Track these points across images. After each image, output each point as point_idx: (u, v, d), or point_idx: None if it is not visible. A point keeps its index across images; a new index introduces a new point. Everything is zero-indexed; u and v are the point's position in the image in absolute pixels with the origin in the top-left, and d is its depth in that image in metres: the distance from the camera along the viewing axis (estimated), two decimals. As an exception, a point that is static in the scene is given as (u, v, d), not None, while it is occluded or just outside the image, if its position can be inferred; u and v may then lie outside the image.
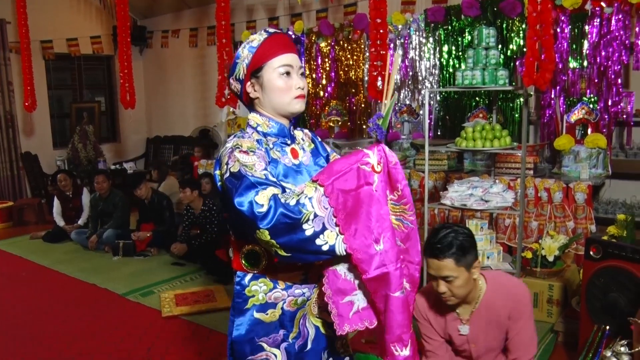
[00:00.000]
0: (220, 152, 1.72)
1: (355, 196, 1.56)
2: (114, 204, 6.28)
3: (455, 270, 2.17)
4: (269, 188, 1.52)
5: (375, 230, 1.55)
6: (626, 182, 5.24)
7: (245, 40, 1.77)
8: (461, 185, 3.86)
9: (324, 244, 1.53)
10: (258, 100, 1.79)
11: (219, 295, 4.58)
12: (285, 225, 1.49)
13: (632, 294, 2.79)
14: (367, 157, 1.60)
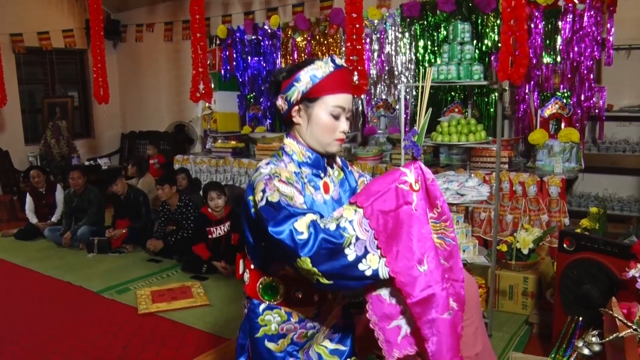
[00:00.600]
0: (254, 177, 1.66)
1: (395, 217, 1.52)
2: (89, 200, 6.20)
3: None
4: (307, 215, 1.48)
5: (418, 251, 1.52)
6: (599, 176, 5.34)
7: (309, 63, 1.69)
8: (437, 179, 3.88)
9: (366, 268, 1.49)
10: (299, 127, 1.74)
11: (196, 291, 4.55)
12: (327, 251, 1.44)
13: (604, 285, 2.84)
14: (404, 176, 1.56)
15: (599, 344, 1.37)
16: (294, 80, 1.68)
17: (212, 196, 5.01)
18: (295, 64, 1.75)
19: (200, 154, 7.47)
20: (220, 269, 4.98)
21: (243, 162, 6.47)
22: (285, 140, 1.79)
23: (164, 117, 9.10)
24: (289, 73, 1.72)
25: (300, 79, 1.67)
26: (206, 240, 5.10)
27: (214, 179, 6.49)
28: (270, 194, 1.53)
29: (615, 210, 5.13)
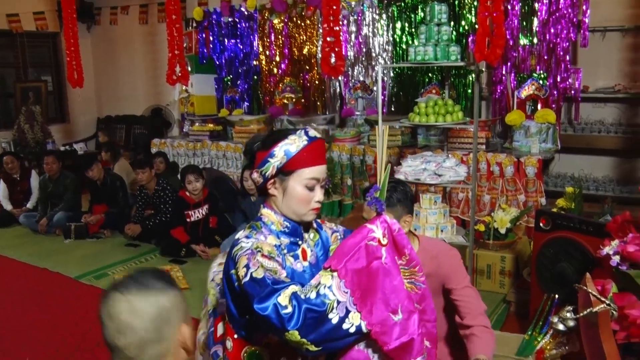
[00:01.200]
0: (235, 250, 1.67)
1: (367, 273, 1.59)
2: (65, 185, 6.11)
3: None
4: (290, 287, 1.52)
5: (391, 302, 1.59)
6: (574, 157, 5.40)
7: (283, 138, 1.70)
8: (415, 160, 3.90)
9: (350, 326, 1.54)
10: (275, 198, 1.76)
11: (175, 275, 4.53)
12: (313, 320, 1.49)
13: (579, 263, 2.89)
14: (372, 233, 1.62)
15: (573, 319, 1.39)
16: (269, 156, 1.70)
17: (189, 179, 4.97)
18: (270, 136, 1.76)
19: (178, 137, 7.40)
20: (199, 252, 4.97)
21: (221, 145, 6.43)
22: (262, 210, 1.81)
23: (140, 100, 8.97)
24: (263, 145, 1.73)
25: (274, 155, 1.69)
26: (184, 223, 5.07)
27: (191, 163, 6.45)
28: (254, 270, 1.56)
29: (591, 190, 5.21)
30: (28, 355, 3.31)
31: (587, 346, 1.36)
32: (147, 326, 1.17)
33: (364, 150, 5.42)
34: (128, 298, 1.17)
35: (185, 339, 1.26)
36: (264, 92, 7.06)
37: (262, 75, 7.04)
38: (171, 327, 1.22)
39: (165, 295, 1.22)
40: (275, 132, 1.78)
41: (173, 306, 1.23)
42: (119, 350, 1.18)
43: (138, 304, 1.17)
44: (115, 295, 1.19)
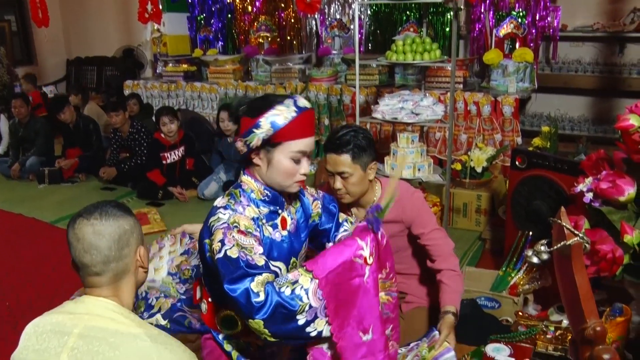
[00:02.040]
0: (212, 220, 1.62)
1: (347, 287, 1.58)
2: (35, 130, 5.96)
3: (351, 167, 2.21)
4: (264, 274, 1.51)
5: (364, 321, 1.60)
6: (551, 96, 5.41)
7: (269, 107, 1.61)
8: (392, 98, 3.87)
9: (313, 330, 1.55)
10: (259, 168, 1.70)
11: (153, 217, 4.52)
12: (281, 316, 1.50)
13: (553, 201, 2.93)
14: (360, 250, 1.61)
15: (547, 252, 1.41)
16: (254, 126, 1.61)
17: (164, 121, 4.89)
18: (256, 101, 1.67)
19: (151, 78, 7.23)
20: (176, 194, 4.94)
21: (196, 86, 6.30)
22: (242, 177, 1.75)
23: (111, 41, 8.69)
24: (249, 110, 1.64)
25: (260, 125, 1.60)
26: (160, 166, 5.01)
27: (166, 104, 6.33)
28: (229, 247, 1.54)
29: (566, 130, 5.26)
30: (8, 301, 3.31)
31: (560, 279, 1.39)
32: (110, 245, 1.33)
33: (341, 90, 5.37)
34: (92, 222, 1.33)
35: (143, 259, 1.42)
36: (238, 31, 6.88)
37: (236, 14, 6.84)
38: (130, 248, 1.38)
39: (124, 220, 1.37)
40: (262, 98, 1.70)
41: (131, 230, 1.38)
42: (86, 267, 1.34)
43: (101, 227, 1.33)
44: (81, 220, 1.34)
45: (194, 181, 5.06)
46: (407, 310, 2.53)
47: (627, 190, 1.79)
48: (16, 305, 3.26)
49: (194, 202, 4.94)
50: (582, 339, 1.25)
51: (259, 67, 6.13)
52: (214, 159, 5.29)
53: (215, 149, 5.20)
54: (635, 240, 1.72)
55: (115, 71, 8.27)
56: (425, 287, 2.57)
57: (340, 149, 2.20)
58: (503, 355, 1.89)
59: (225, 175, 5.00)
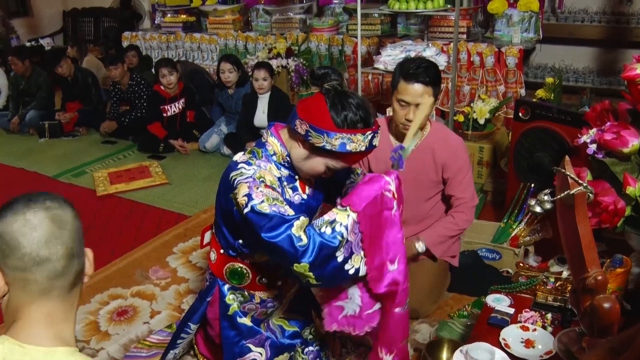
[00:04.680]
0: (235, 174, 1.65)
1: (378, 220, 1.64)
2: (38, 84, 5.87)
3: (430, 99, 2.26)
4: (300, 219, 1.56)
5: (391, 252, 1.66)
6: (556, 47, 5.32)
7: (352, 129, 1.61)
8: (394, 49, 3.82)
9: (350, 267, 1.60)
10: (295, 148, 1.71)
11: (154, 170, 4.52)
12: (324, 257, 1.53)
13: (555, 152, 2.92)
14: (388, 185, 1.67)
15: (550, 201, 1.41)
16: (327, 133, 1.59)
17: (163, 73, 4.83)
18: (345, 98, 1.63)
19: (150, 29, 7.10)
20: (178, 147, 4.93)
21: (195, 37, 6.20)
22: (269, 138, 1.75)
23: (107, -9, 8.51)
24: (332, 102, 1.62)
25: (332, 138, 1.59)
26: (161, 118, 4.98)
27: (165, 56, 6.23)
28: (258, 202, 1.56)
29: (571, 82, 5.19)
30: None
31: (562, 228, 1.39)
32: (73, 236, 1.06)
33: (343, 40, 5.28)
34: (47, 205, 1.04)
35: (90, 263, 1.14)
36: (237, -20, 6.72)
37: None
38: (83, 245, 1.11)
39: (73, 210, 1.10)
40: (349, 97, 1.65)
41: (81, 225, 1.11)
42: (42, 264, 1.01)
43: (60, 212, 1.05)
44: (31, 205, 1.04)
45: (195, 134, 5.04)
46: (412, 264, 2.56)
47: (632, 141, 1.77)
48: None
49: (195, 154, 4.93)
50: (583, 288, 1.26)
51: (259, 17, 6.02)
52: (215, 111, 5.25)
53: (216, 101, 5.15)
54: (637, 192, 1.72)
55: (113, 22, 8.12)
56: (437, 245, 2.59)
57: (425, 79, 2.23)
58: (503, 306, 1.92)
59: (226, 127, 4.97)
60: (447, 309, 2.58)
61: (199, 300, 2.01)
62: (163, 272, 3.05)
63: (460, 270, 2.70)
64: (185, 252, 3.24)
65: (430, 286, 2.51)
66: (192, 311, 2.03)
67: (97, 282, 2.97)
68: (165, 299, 2.81)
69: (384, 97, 4.90)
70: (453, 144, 2.46)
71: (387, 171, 1.74)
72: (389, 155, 1.98)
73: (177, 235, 3.44)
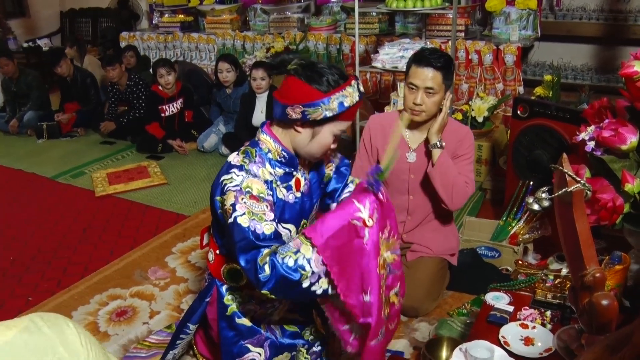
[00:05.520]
0: (225, 179, 1.66)
1: (348, 249, 1.61)
2: (27, 84, 5.86)
3: (439, 85, 2.28)
4: (272, 247, 1.59)
5: (364, 282, 1.63)
6: (554, 44, 5.31)
7: (340, 87, 1.64)
8: (392, 47, 3.81)
9: (318, 289, 1.62)
10: (296, 135, 1.71)
11: (153, 170, 4.52)
12: (285, 285, 1.57)
13: (554, 150, 2.92)
14: (358, 212, 1.62)
15: (548, 199, 1.41)
16: (322, 101, 1.62)
17: (161, 73, 4.83)
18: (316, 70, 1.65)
19: (147, 30, 7.09)
20: (176, 147, 4.93)
21: (193, 37, 6.20)
22: (261, 136, 1.76)
23: (105, -9, 8.50)
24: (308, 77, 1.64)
25: (328, 103, 1.62)
26: (159, 119, 4.98)
27: (163, 56, 6.23)
28: (239, 213, 1.59)
29: (569, 79, 5.18)
30: (12, 255, 3.34)
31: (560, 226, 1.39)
32: None
33: (341, 39, 5.28)
34: None
35: None
36: (235, -21, 6.71)
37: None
38: None
39: None
40: (319, 66, 1.68)
41: None
42: None
43: None
44: None
45: (193, 134, 5.03)
46: (411, 260, 2.56)
47: (630, 138, 1.77)
48: (20, 259, 3.29)
49: (194, 154, 4.93)
50: (582, 285, 1.26)
51: (256, 16, 6.01)
52: (213, 110, 5.24)
53: (214, 101, 5.15)
54: (635, 189, 1.72)
55: (111, 23, 8.11)
56: (435, 239, 2.59)
57: (436, 64, 2.26)
58: (502, 304, 1.91)
59: (224, 127, 4.97)
60: (447, 307, 2.57)
61: (198, 300, 2.01)
62: (162, 272, 3.05)
63: (459, 269, 2.70)
64: (184, 252, 3.24)
65: (429, 284, 2.51)
66: (191, 311, 2.03)
67: (96, 283, 2.97)
68: (165, 299, 2.81)
69: (382, 95, 4.89)
70: (461, 132, 2.49)
71: (361, 194, 1.67)
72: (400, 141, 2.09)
73: (176, 236, 3.44)
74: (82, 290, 2.91)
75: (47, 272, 3.13)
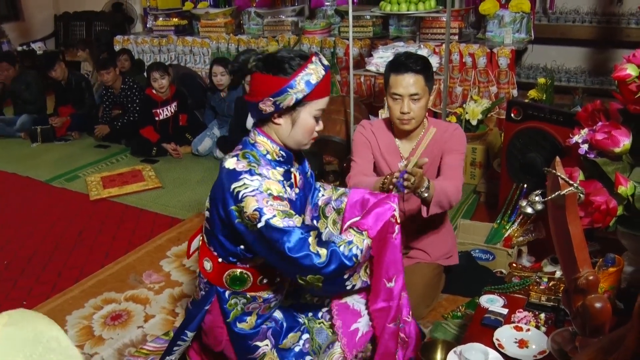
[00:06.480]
0: (238, 186, 1.63)
1: (384, 243, 1.76)
2: (27, 83, 5.86)
3: (423, 89, 2.26)
4: (311, 232, 1.63)
5: (391, 271, 1.78)
6: (548, 47, 5.34)
7: (301, 66, 1.63)
8: (386, 51, 3.82)
9: (349, 284, 1.72)
10: (279, 127, 1.73)
11: (147, 174, 4.51)
12: (338, 273, 1.64)
13: (548, 152, 2.93)
14: (394, 211, 1.77)
15: (541, 202, 1.42)
16: (288, 86, 1.61)
17: (155, 77, 4.83)
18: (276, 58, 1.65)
19: (142, 33, 7.09)
20: (170, 151, 4.92)
21: (187, 41, 6.19)
22: (257, 138, 1.75)
23: (99, -6, 8.48)
24: (270, 67, 1.64)
25: (295, 86, 1.62)
26: (153, 122, 4.98)
27: (157, 59, 6.23)
28: (270, 216, 1.59)
29: (563, 82, 5.20)
30: (6, 259, 3.32)
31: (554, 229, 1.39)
32: None
33: (335, 42, 5.28)
34: None
35: None
36: (229, -16, 6.72)
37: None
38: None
39: None
40: (277, 55, 1.68)
41: None
42: None
43: None
44: None
45: (188, 137, 5.03)
46: (407, 265, 2.56)
47: (623, 141, 1.78)
48: (14, 263, 3.28)
49: (188, 158, 4.93)
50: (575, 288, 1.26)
51: (250, 20, 6.02)
52: (207, 114, 5.24)
53: (208, 105, 5.15)
54: (629, 192, 1.73)
55: (105, 26, 8.10)
56: (432, 242, 2.59)
57: (416, 67, 2.23)
58: (497, 306, 1.92)
59: (219, 130, 4.97)
60: (441, 310, 2.58)
61: (196, 308, 1.99)
62: (157, 276, 3.04)
63: (454, 271, 2.70)
64: (179, 256, 3.23)
65: (424, 290, 2.51)
66: (190, 319, 2.01)
67: (90, 287, 2.96)
68: (159, 303, 2.80)
69: (377, 98, 4.90)
70: (450, 128, 2.47)
71: (389, 195, 1.85)
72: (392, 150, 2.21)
73: (171, 239, 3.43)
74: (77, 294, 2.91)
75: (41, 276, 3.13)
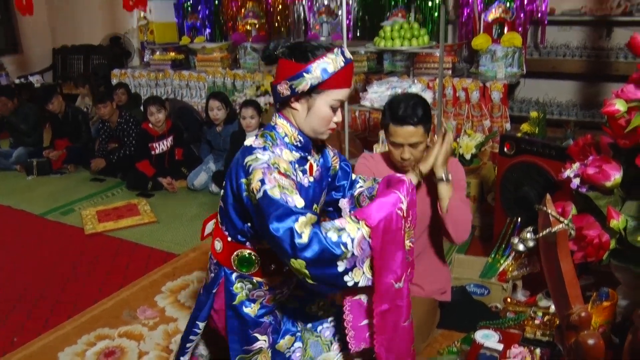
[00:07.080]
0: (249, 159, 1.66)
1: (390, 238, 1.62)
2: (25, 115, 5.89)
3: (422, 136, 2.27)
4: (307, 215, 1.52)
5: (398, 270, 1.65)
6: (540, 81, 5.42)
7: (321, 55, 1.66)
8: (380, 86, 3.87)
9: (350, 280, 1.59)
10: (296, 112, 1.75)
11: (143, 208, 4.50)
12: (324, 260, 1.51)
13: (541, 186, 2.95)
14: (401, 203, 1.66)
15: (533, 239, 1.43)
16: (305, 71, 1.65)
17: (151, 111, 4.86)
18: (299, 46, 1.70)
19: (139, 67, 7.17)
20: (166, 185, 4.92)
21: (183, 75, 6.26)
22: (277, 120, 1.79)
23: (97, 29, 8.58)
24: (292, 54, 1.68)
25: (311, 71, 1.65)
26: (149, 156, 4.99)
27: (154, 93, 6.29)
28: (270, 187, 1.55)
29: (554, 115, 5.27)
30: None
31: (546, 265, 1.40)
32: None
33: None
34: None
35: None
36: (225, 17, 6.83)
37: (223, 0, 6.78)
38: None
39: None
40: (304, 43, 1.72)
41: None
42: None
43: None
44: None
45: (183, 171, 5.04)
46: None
47: (614, 175, 1.80)
48: (5, 298, 3.25)
49: (184, 192, 4.93)
50: (568, 325, 1.26)
51: (247, 54, 6.10)
52: (203, 148, 5.26)
53: (204, 139, 5.18)
54: (621, 225, 1.74)
55: (102, 60, 8.19)
56: (427, 276, 2.57)
57: (413, 119, 2.24)
58: (492, 342, 1.91)
59: (214, 165, 4.98)
60: (437, 345, 2.56)
61: (205, 294, 1.96)
62: (151, 312, 3.01)
63: (449, 306, 2.69)
64: (173, 291, 3.21)
65: (418, 325, 2.49)
66: (199, 308, 1.98)
67: (84, 323, 2.93)
68: (154, 339, 2.77)
69: (371, 133, 4.94)
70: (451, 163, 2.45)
71: (399, 186, 1.71)
72: None
73: (166, 274, 3.41)
74: (70, 330, 2.87)
75: (33, 311, 3.09)
